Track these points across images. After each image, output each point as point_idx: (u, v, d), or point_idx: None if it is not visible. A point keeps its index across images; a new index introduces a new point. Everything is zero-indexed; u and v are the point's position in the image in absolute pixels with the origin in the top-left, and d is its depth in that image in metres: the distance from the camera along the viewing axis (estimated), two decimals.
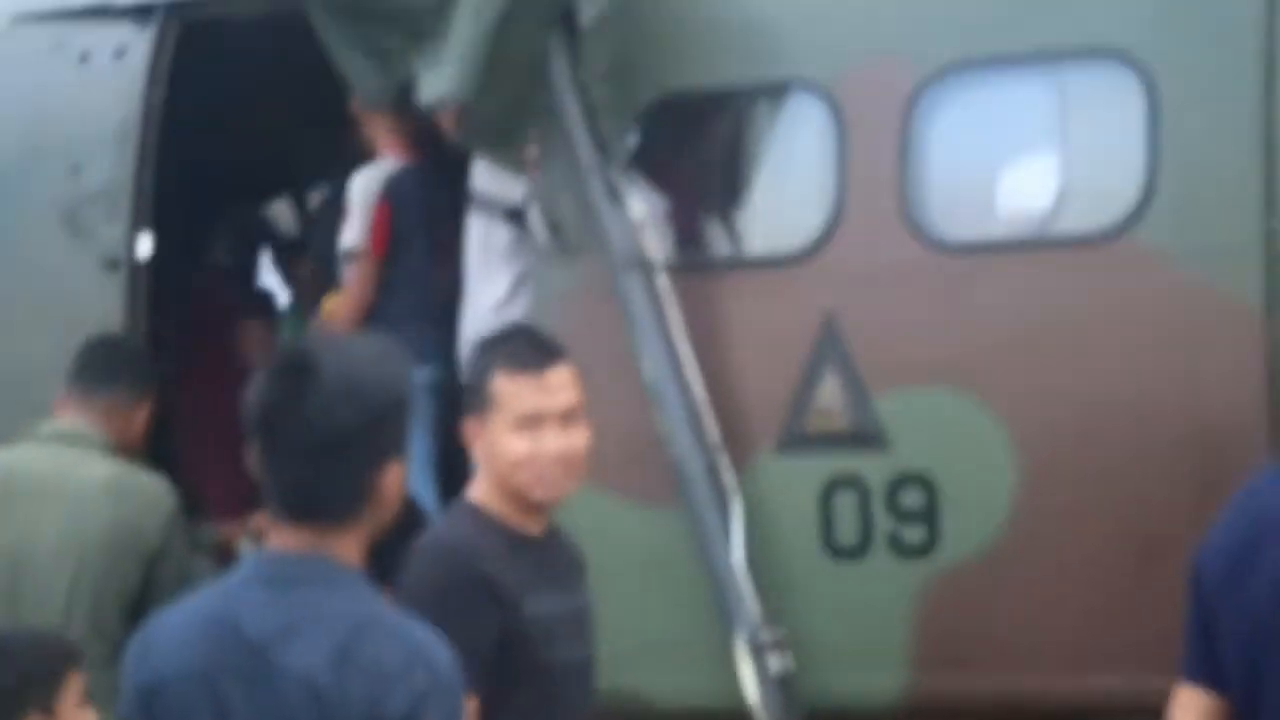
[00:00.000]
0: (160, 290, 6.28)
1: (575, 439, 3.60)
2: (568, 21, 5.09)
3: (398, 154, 6.28)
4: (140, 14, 6.06)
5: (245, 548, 5.86)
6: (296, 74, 6.47)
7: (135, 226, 5.96)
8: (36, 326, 5.98)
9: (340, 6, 5.29)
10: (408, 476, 3.05)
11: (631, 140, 5.21)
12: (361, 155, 6.38)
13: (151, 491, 5.16)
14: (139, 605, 4.96)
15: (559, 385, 3.60)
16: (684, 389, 4.88)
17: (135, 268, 5.96)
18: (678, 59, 5.24)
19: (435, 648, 2.80)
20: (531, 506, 3.59)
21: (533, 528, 3.65)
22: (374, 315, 5.95)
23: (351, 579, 2.84)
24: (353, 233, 6.13)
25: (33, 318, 6.03)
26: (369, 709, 2.69)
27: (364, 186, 6.20)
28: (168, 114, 6.02)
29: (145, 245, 6.00)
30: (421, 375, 5.56)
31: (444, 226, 6.03)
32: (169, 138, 6.02)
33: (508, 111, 5.21)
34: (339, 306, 6.03)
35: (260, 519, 5.63)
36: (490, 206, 5.72)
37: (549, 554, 3.70)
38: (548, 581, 3.60)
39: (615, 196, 5.07)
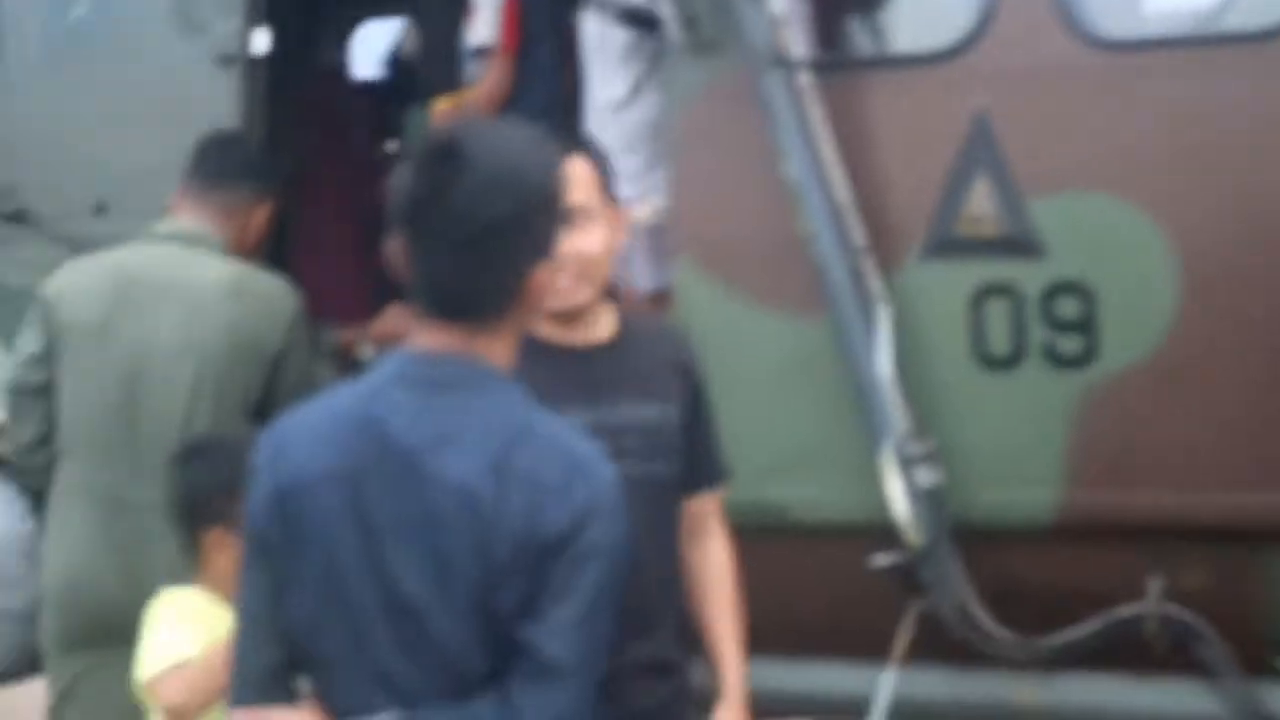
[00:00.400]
0: (276, 89, 6.20)
1: (584, 240, 3.41)
2: None
3: None
4: None
5: (365, 354, 5.84)
6: None
7: (250, 21, 5.81)
8: (149, 124, 5.85)
9: None
10: None
11: None
12: None
13: (273, 292, 5.05)
14: (261, 409, 4.89)
15: (568, 181, 3.19)
16: (828, 191, 4.73)
17: (250, 63, 5.84)
18: None
19: (598, 463, 2.73)
20: (555, 314, 3.42)
21: (572, 337, 3.52)
22: (508, 111, 5.80)
23: (504, 384, 2.77)
24: (484, 28, 5.98)
25: (144, 115, 5.89)
26: (526, 523, 2.62)
27: None
28: None
29: (260, 41, 5.91)
30: None
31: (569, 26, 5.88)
32: None
33: None
34: (477, 98, 5.89)
35: (384, 323, 5.58)
36: (605, 4, 5.58)
37: (591, 365, 3.54)
38: (577, 393, 3.40)
39: None
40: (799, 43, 4.92)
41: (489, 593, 2.63)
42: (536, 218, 2.74)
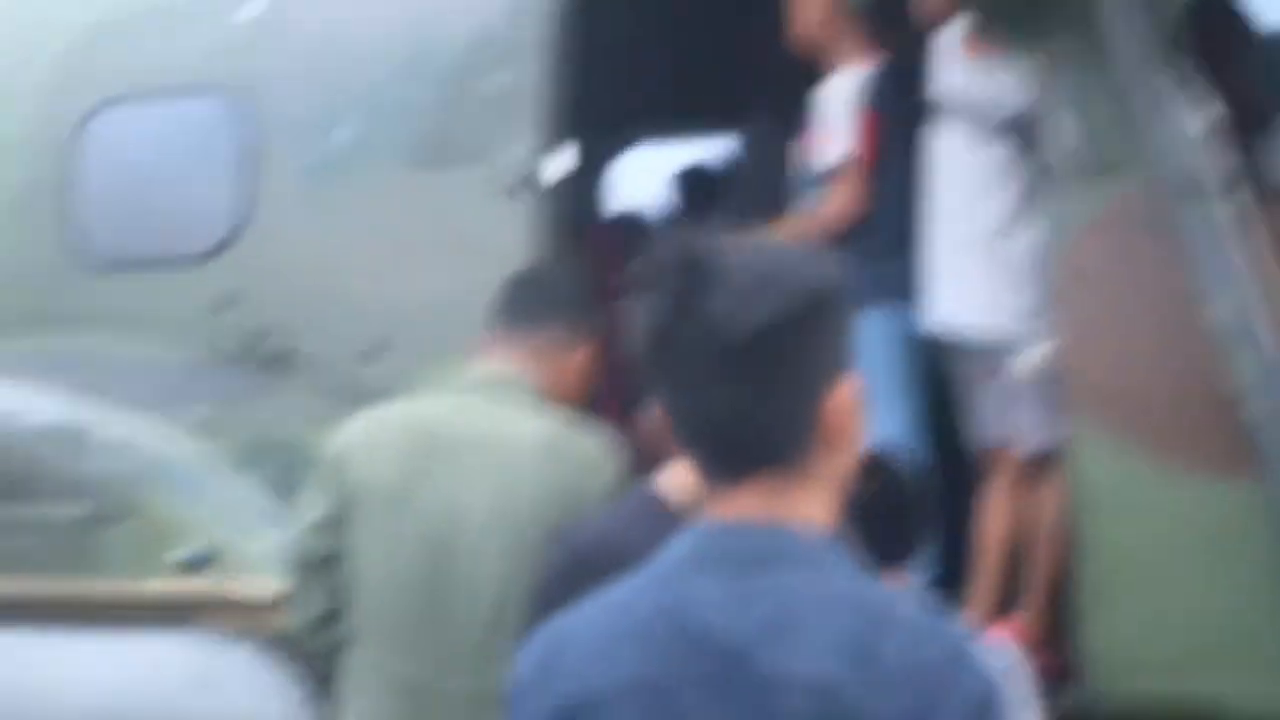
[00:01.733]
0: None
1: None
2: None
3: (868, 58, 5.82)
4: None
5: None
6: None
7: (549, 143, 5.63)
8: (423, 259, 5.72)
9: None
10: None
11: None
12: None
13: (596, 453, 4.64)
14: None
15: None
16: (1259, 339, 4.32)
17: (542, 193, 5.60)
18: None
19: (977, 649, 2.37)
20: None
21: None
22: (857, 241, 5.46)
23: (832, 550, 2.38)
24: (837, 145, 5.67)
25: (418, 249, 5.73)
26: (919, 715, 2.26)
27: (841, 95, 5.75)
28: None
29: (557, 167, 5.71)
30: (901, 320, 5.37)
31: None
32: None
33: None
34: (824, 219, 5.56)
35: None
36: (979, 115, 5.24)
37: None
38: None
39: (1171, 103, 4.57)
40: (1219, 165, 4.53)
41: None
42: (815, 322, 2.37)
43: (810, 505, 2.39)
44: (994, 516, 5.41)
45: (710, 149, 7.94)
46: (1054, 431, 5.18)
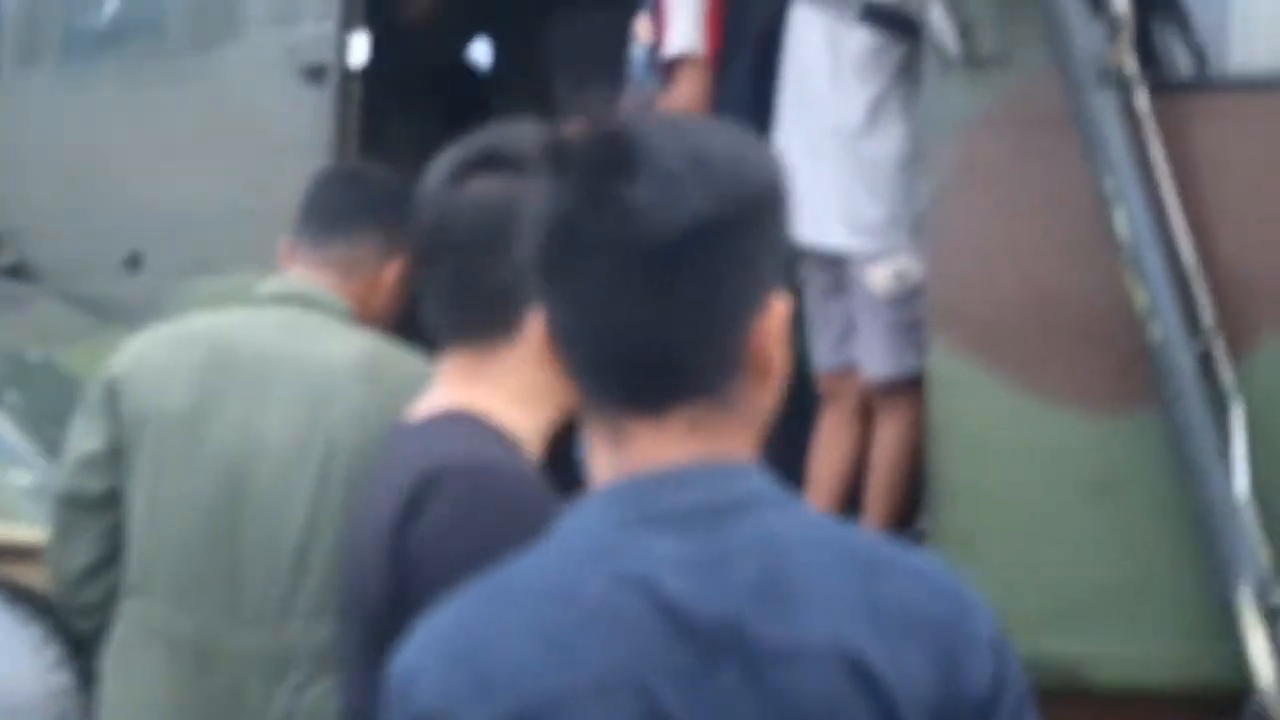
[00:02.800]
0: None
1: None
2: None
3: None
4: None
5: None
6: None
7: (347, 24, 5.37)
8: (222, 158, 5.49)
9: None
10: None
11: None
12: None
13: (416, 374, 4.13)
14: None
15: None
16: (1172, 250, 4.19)
17: (346, 74, 5.41)
18: None
19: (967, 584, 2.17)
20: None
21: None
22: None
23: (783, 491, 2.14)
24: (683, 35, 5.44)
25: (196, 142, 5.55)
26: (944, 685, 2.00)
27: None
28: None
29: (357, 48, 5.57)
30: None
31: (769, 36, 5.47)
32: None
33: None
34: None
35: None
36: (842, 3, 5.06)
37: None
38: None
39: None
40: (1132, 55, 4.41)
41: None
42: (757, 224, 2.11)
43: (741, 445, 2.12)
44: (829, 449, 5.31)
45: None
46: (903, 359, 5.05)
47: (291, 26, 5.40)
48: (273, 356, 4.12)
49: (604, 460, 2.13)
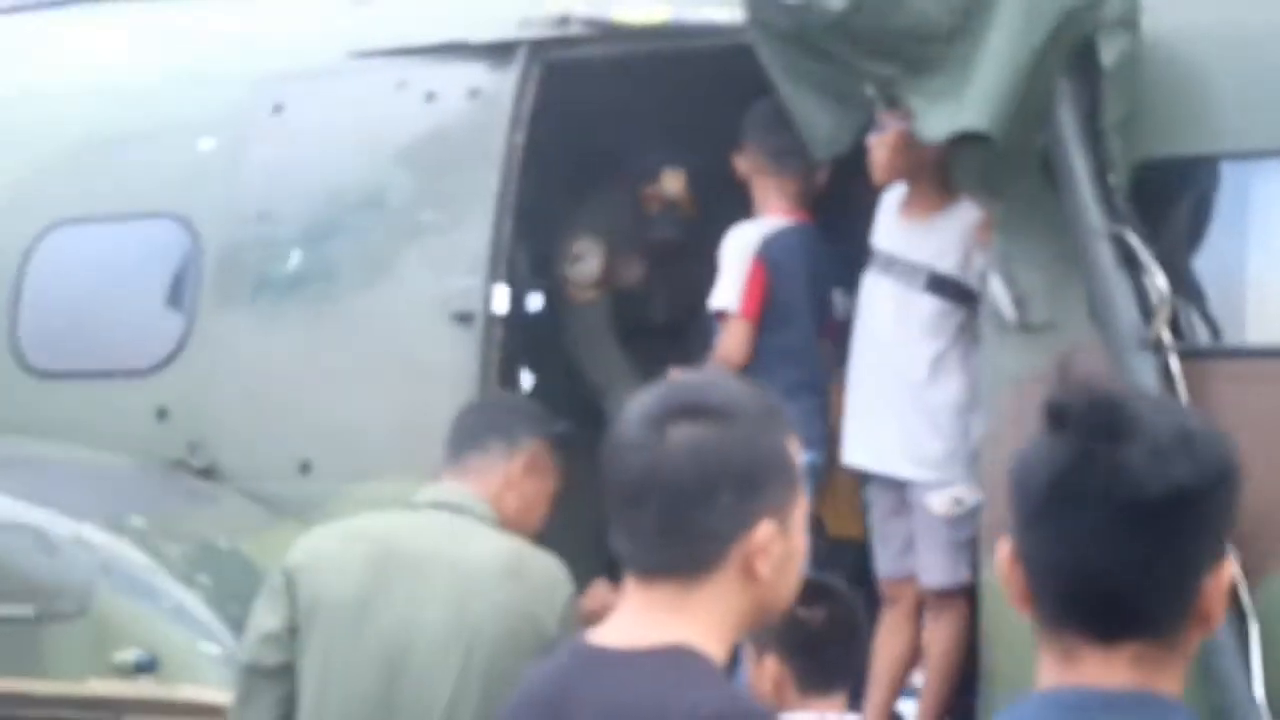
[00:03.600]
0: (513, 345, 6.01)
1: None
2: (1080, 61, 4.79)
3: (783, 212, 5.95)
4: (500, 52, 5.89)
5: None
6: (670, 124, 6.48)
7: (494, 275, 5.69)
8: (384, 384, 5.74)
9: (804, 41, 5.04)
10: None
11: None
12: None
13: (551, 573, 4.69)
14: None
15: None
16: None
17: (491, 320, 5.70)
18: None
19: None
20: None
21: None
22: None
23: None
24: (725, 292, 5.80)
25: (382, 375, 5.76)
26: None
27: (737, 244, 5.86)
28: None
29: (503, 296, 5.79)
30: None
31: (829, 296, 5.80)
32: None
33: (1001, 159, 4.94)
34: (722, 360, 5.76)
35: (590, 601, 5.38)
36: (911, 270, 5.40)
37: None
38: None
39: (1130, 263, 4.69)
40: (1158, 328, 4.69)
41: None
42: (1221, 495, 2.21)
43: (1173, 682, 2.25)
44: (890, 643, 5.48)
45: None
46: (958, 571, 5.31)
47: (444, 278, 5.67)
48: (429, 555, 4.47)
49: (1050, 675, 2.25)
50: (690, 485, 2.64)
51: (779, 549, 2.65)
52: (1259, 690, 4.30)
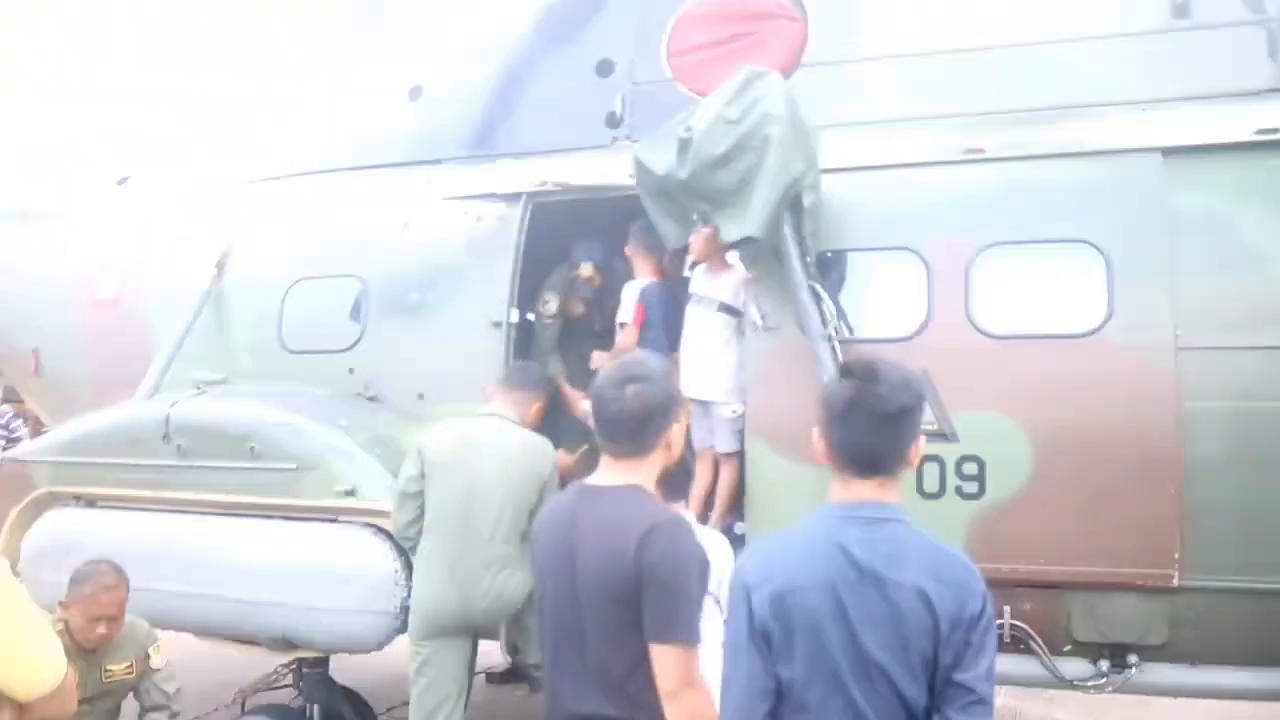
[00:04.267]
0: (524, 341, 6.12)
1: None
2: (793, 204, 4.79)
3: (651, 275, 6.03)
4: (512, 198, 5.81)
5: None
6: (592, 235, 6.41)
7: (511, 304, 5.70)
8: (456, 356, 5.76)
9: (663, 192, 5.03)
10: None
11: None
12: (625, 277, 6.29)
13: (546, 448, 5.04)
14: (533, 509, 4.83)
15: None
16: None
17: (510, 326, 5.71)
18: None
19: (967, 561, 2.50)
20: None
21: None
22: None
23: (907, 521, 2.51)
24: (625, 313, 5.95)
25: (456, 352, 5.75)
26: (957, 609, 2.38)
27: (631, 291, 6.01)
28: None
29: (515, 314, 5.75)
30: None
31: (674, 322, 5.78)
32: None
33: (761, 248, 4.98)
34: (619, 349, 5.79)
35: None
36: (711, 302, 5.44)
37: None
38: None
39: (818, 298, 4.85)
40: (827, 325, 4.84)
41: (934, 655, 2.38)
42: (918, 413, 2.52)
43: (895, 494, 2.49)
44: (700, 481, 5.39)
45: None
46: (735, 443, 5.24)
47: (486, 306, 5.61)
48: (486, 440, 4.91)
49: (837, 494, 2.48)
50: (638, 414, 2.76)
51: (678, 437, 2.85)
52: None
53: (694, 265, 5.61)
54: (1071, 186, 4.80)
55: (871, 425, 2.45)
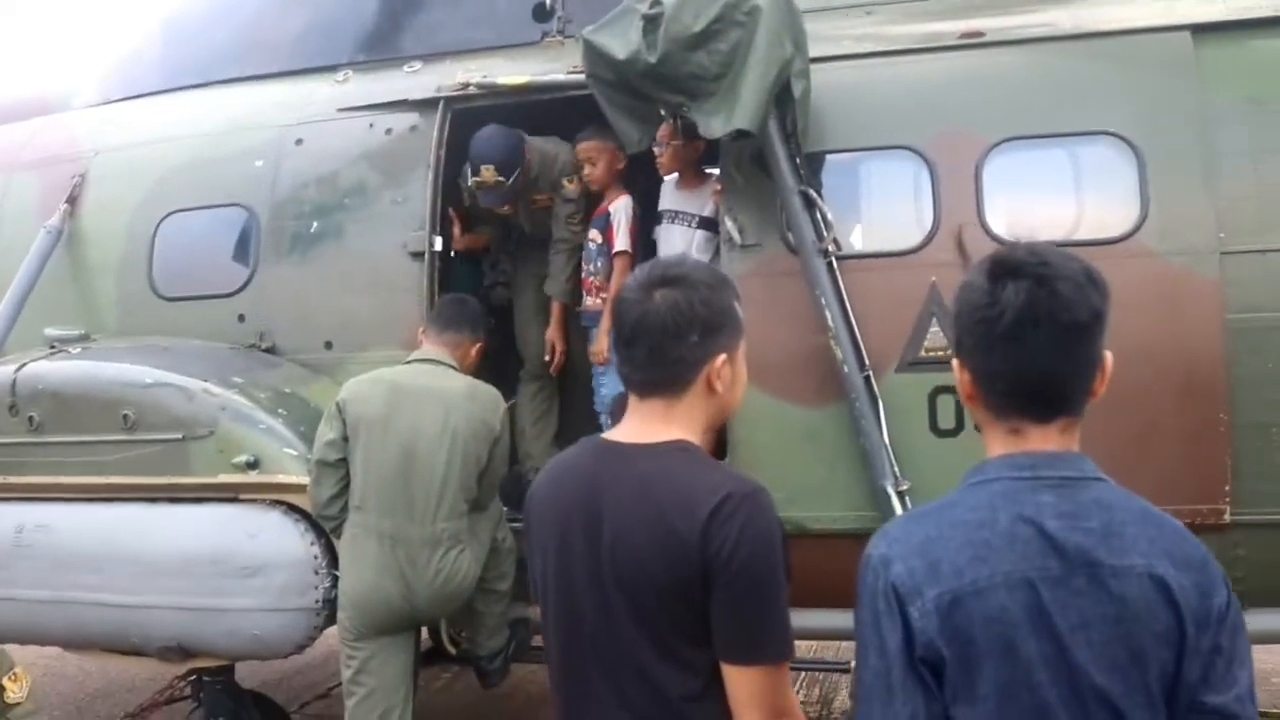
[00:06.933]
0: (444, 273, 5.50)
1: None
2: (781, 94, 4.30)
3: (618, 182, 5.39)
4: (427, 105, 5.22)
5: None
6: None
7: (432, 230, 5.11)
8: (358, 295, 5.18)
9: (623, 84, 4.47)
10: None
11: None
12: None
13: (494, 396, 4.49)
14: (483, 471, 4.37)
15: None
16: (852, 331, 4.28)
17: (433, 256, 5.13)
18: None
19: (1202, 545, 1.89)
20: None
21: None
22: None
23: (1101, 473, 1.90)
24: (622, 243, 5.28)
25: (356, 289, 5.20)
26: (1200, 601, 1.78)
27: (620, 213, 5.33)
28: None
29: (437, 243, 5.16)
30: None
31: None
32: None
33: (749, 145, 4.50)
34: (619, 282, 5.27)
35: None
36: (688, 218, 5.04)
37: None
38: None
39: (810, 205, 4.40)
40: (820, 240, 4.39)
41: (1175, 670, 1.78)
42: (1105, 321, 1.87)
43: (1078, 444, 1.92)
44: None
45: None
46: None
47: (403, 233, 5.04)
48: (423, 388, 4.32)
49: (999, 447, 1.89)
50: (668, 327, 2.21)
51: (728, 373, 2.25)
52: (885, 435, 4.17)
53: (665, 176, 5.19)
54: (1090, 72, 4.40)
55: (1053, 343, 1.80)
